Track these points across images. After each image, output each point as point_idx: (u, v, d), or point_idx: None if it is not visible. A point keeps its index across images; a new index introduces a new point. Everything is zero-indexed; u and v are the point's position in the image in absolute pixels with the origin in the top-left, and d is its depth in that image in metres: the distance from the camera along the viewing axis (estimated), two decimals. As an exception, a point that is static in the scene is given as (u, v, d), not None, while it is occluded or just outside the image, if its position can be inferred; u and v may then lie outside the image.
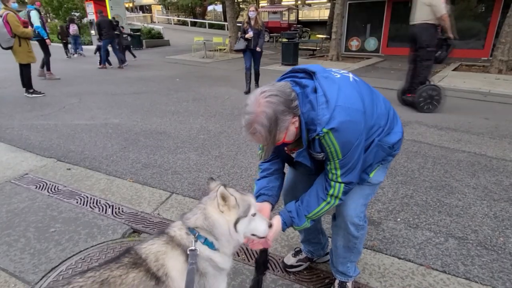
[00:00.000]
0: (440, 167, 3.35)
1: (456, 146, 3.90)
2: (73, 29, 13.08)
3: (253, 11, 6.41)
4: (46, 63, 8.08)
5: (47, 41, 7.70)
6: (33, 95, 6.33)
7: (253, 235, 1.25)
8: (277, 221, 1.40)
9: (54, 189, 2.82)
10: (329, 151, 1.26)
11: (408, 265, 1.96)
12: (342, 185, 1.33)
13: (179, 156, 3.63)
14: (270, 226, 1.30)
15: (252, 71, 6.97)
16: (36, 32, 7.25)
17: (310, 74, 1.30)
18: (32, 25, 7.23)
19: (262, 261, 1.55)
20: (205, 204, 1.17)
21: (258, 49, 6.68)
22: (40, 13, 7.59)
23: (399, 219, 2.45)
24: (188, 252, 1.06)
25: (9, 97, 6.33)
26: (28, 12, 7.38)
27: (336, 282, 1.71)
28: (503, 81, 7.81)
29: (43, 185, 2.89)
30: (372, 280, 1.84)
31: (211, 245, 1.13)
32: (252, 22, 6.43)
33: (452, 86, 7.48)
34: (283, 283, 1.81)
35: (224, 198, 1.12)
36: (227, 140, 4.14)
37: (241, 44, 6.57)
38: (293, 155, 1.47)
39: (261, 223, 1.25)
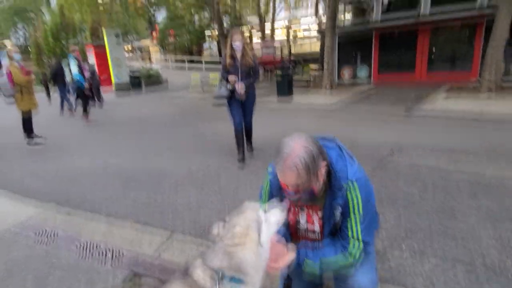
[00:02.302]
0: (440, 190, 3.35)
1: (454, 168, 3.92)
2: None
3: (239, 41, 4.20)
4: (84, 108, 8.54)
5: (86, 91, 8.23)
6: (34, 140, 6.42)
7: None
8: (291, 248, 1.36)
9: (54, 235, 2.79)
10: (351, 204, 1.34)
11: (417, 295, 1.91)
12: (362, 244, 1.37)
13: (179, 193, 3.64)
14: (283, 209, 1.29)
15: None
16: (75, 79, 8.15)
17: (327, 139, 1.45)
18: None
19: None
20: (225, 244, 1.13)
21: (240, 88, 4.22)
22: (78, 60, 8.13)
23: (403, 247, 2.41)
24: None
25: (11, 144, 6.43)
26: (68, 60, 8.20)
27: None
28: (494, 101, 7.99)
29: (43, 231, 2.87)
30: (380, 313, 1.78)
31: (238, 281, 1.10)
32: (238, 56, 4.30)
33: (445, 107, 7.64)
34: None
35: (235, 237, 1.10)
36: (226, 174, 4.15)
37: (223, 90, 4.36)
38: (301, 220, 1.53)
39: (274, 210, 1.24)
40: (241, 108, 4.49)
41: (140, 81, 17.30)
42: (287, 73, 11.13)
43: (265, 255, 1.15)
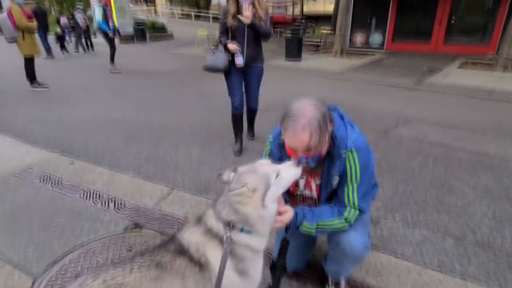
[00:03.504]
0: (440, 165, 3.35)
1: (458, 145, 3.89)
2: (63, 21, 13.03)
3: None
4: (110, 56, 8.38)
5: (109, 34, 7.99)
6: (37, 89, 6.37)
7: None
8: (289, 208, 1.38)
9: (58, 183, 2.86)
10: (349, 173, 1.36)
11: (405, 263, 1.99)
12: (357, 211, 1.40)
13: (181, 150, 3.66)
14: (298, 164, 1.27)
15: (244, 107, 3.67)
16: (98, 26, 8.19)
17: (329, 106, 1.41)
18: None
19: (281, 264, 1.57)
20: (230, 197, 1.15)
21: (240, 62, 3.28)
22: (104, 9, 7.86)
23: (397, 218, 2.47)
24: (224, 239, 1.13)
25: (14, 90, 6.37)
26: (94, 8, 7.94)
27: (330, 279, 1.75)
28: (508, 79, 7.72)
29: (47, 178, 2.94)
30: (368, 277, 1.87)
31: (247, 232, 1.16)
32: (244, 15, 3.11)
33: (457, 82, 7.42)
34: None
35: (240, 195, 1.12)
36: (229, 134, 4.14)
37: (219, 58, 3.27)
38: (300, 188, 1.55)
39: (288, 170, 1.23)
40: (243, 84, 3.49)
41: (144, 32, 16.71)
42: (297, 34, 10.68)
43: (272, 211, 1.20)
